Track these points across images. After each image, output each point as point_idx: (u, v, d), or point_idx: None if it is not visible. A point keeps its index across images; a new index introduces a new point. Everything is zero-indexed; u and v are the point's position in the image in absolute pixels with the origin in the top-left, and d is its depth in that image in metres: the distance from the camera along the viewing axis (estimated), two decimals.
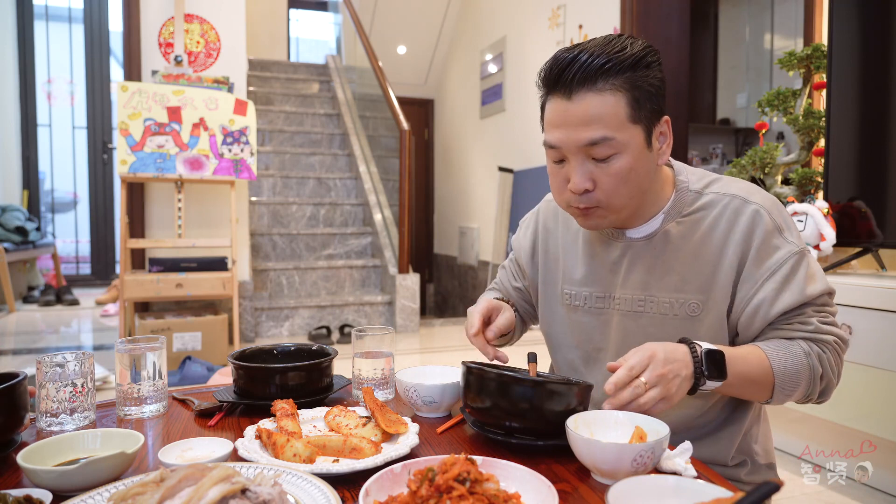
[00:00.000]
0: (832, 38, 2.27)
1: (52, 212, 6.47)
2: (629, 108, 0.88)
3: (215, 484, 0.58)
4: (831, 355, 0.96)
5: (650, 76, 0.89)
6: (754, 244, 0.93)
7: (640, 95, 0.88)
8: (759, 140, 2.80)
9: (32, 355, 3.54)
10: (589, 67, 0.86)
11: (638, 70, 0.88)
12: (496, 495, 0.61)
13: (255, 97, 5.82)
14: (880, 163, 2.21)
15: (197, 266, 3.51)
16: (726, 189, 0.97)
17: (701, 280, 0.96)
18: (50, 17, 6.30)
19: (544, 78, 0.92)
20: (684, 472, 0.75)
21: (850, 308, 1.96)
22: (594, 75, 0.87)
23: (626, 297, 1.01)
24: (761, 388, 0.93)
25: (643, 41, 0.91)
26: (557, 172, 0.95)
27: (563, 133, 0.90)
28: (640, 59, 0.88)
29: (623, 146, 0.89)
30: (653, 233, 0.99)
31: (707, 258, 0.95)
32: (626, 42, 0.89)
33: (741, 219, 0.94)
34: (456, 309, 6.55)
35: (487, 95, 5.76)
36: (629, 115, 0.88)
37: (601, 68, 0.86)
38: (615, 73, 0.87)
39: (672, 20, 3.81)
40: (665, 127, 0.94)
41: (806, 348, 0.94)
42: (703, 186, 0.98)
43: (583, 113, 0.87)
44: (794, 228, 0.97)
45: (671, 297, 0.97)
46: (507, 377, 0.86)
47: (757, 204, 0.94)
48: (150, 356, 1.01)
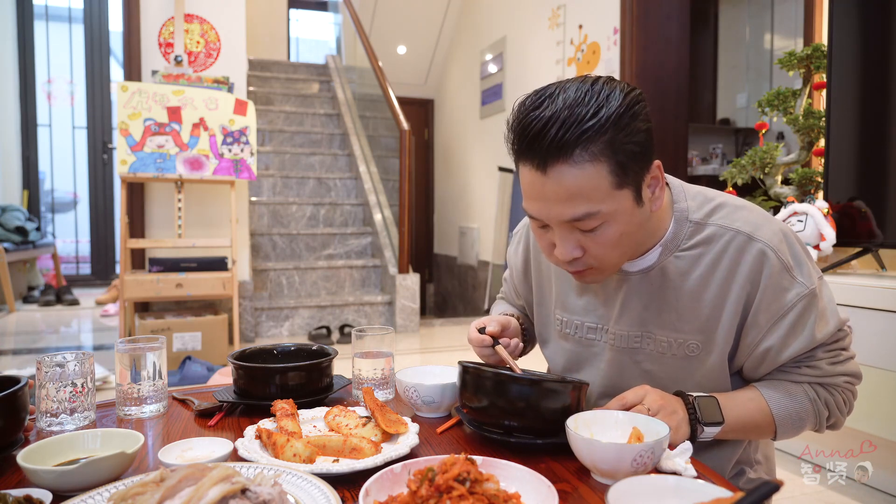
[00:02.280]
0: (832, 38, 2.27)
1: (52, 212, 6.47)
2: (612, 176, 0.78)
3: (215, 484, 0.58)
4: (840, 397, 0.94)
5: (635, 131, 0.78)
6: (761, 287, 0.86)
7: (624, 158, 0.78)
8: (759, 140, 2.80)
9: (32, 355, 3.54)
10: (563, 139, 0.75)
11: (620, 131, 0.76)
12: (496, 495, 0.61)
13: (255, 97, 5.82)
14: (880, 163, 2.21)
15: (197, 266, 3.51)
16: (730, 222, 0.89)
17: (700, 321, 0.90)
18: (50, 17, 6.30)
19: (513, 142, 0.81)
20: (684, 472, 0.75)
21: (850, 308, 1.96)
22: (569, 146, 0.76)
23: (622, 333, 0.96)
24: (763, 432, 0.93)
25: (624, 87, 0.79)
26: (543, 236, 0.87)
27: (541, 207, 0.81)
28: (622, 116, 0.76)
29: (610, 216, 0.80)
30: (649, 267, 0.92)
31: (708, 298, 0.89)
32: (602, 97, 0.76)
33: (746, 258, 0.87)
34: (456, 309, 6.55)
35: (487, 95, 5.76)
36: (613, 182, 0.78)
37: (577, 137, 0.75)
38: (594, 140, 0.76)
39: (672, 20, 3.81)
40: (656, 171, 0.84)
41: (812, 394, 0.92)
42: (705, 216, 0.90)
43: (560, 189, 0.78)
44: (807, 261, 0.90)
45: (669, 336, 0.93)
46: (504, 376, 0.86)
47: (763, 242, 0.86)
48: (150, 356, 1.01)
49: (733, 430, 0.89)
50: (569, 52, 4.43)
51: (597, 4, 4.10)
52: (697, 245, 0.90)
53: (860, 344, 1.93)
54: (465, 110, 6.36)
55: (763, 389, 0.93)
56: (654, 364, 0.95)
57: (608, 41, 3.98)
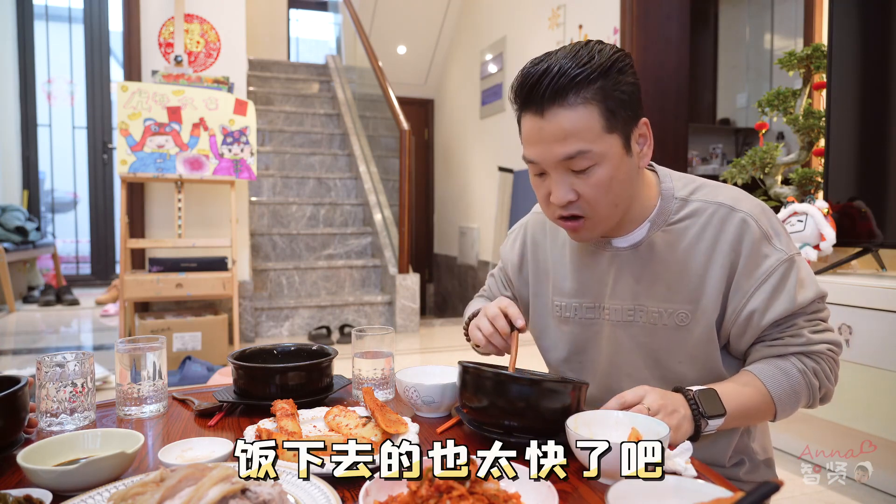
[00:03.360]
0: (832, 38, 2.27)
1: (52, 212, 6.47)
2: (603, 119, 0.86)
3: (215, 484, 0.58)
4: (826, 365, 0.96)
5: (622, 82, 0.87)
6: (743, 253, 0.92)
7: (614, 104, 0.87)
8: (759, 140, 2.80)
9: (32, 355, 3.54)
10: (558, 84, 0.85)
11: (609, 78, 0.86)
12: (496, 495, 0.61)
13: (255, 97, 5.82)
14: (880, 163, 2.21)
15: (197, 266, 3.51)
16: (712, 197, 0.96)
17: (689, 290, 0.95)
18: (50, 17, 6.30)
19: (515, 95, 0.90)
20: (684, 472, 0.75)
21: (850, 308, 1.96)
22: (564, 90, 0.85)
23: (616, 307, 1.01)
24: (764, 414, 0.95)
25: (613, 46, 0.89)
26: (540, 185, 0.94)
27: (539, 149, 0.89)
28: (610, 67, 0.86)
29: (601, 157, 0.87)
30: (638, 242, 0.98)
31: (694, 268, 0.95)
32: (593, 50, 0.87)
33: (728, 228, 0.93)
34: (456, 309, 6.55)
35: (487, 95, 5.76)
36: (604, 125, 0.86)
37: (570, 82, 0.84)
38: (585, 86, 0.85)
39: (672, 20, 3.81)
40: (644, 129, 0.92)
41: (800, 366, 0.94)
42: (689, 193, 0.97)
43: (557, 129, 0.86)
44: (784, 234, 0.96)
45: (660, 307, 0.97)
46: (504, 376, 0.86)
47: (744, 212, 0.94)
48: (150, 356, 1.01)
49: (735, 419, 0.91)
50: None
51: (597, 4, 4.10)
52: (683, 219, 0.96)
53: (860, 344, 1.93)
54: (465, 110, 6.36)
55: (756, 369, 0.95)
56: (648, 336, 0.99)
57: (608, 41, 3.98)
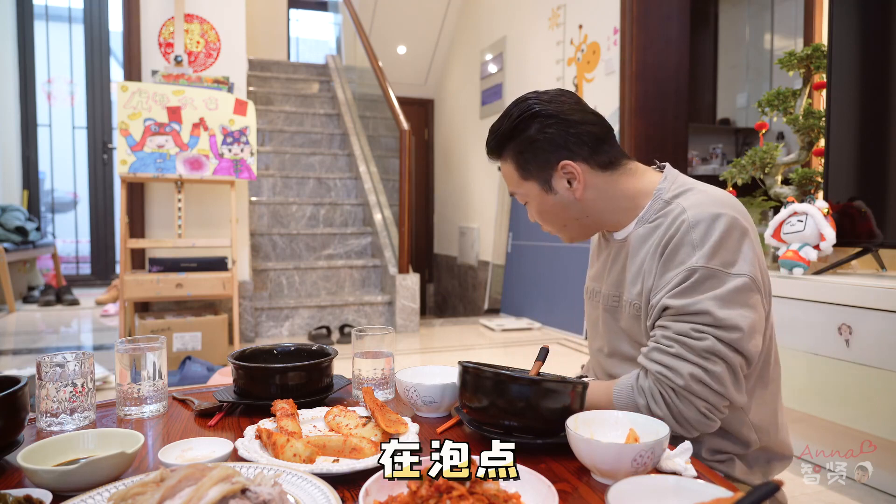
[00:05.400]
0: (832, 38, 2.27)
1: (52, 212, 6.47)
2: (518, 170, 1.06)
3: (215, 484, 0.58)
4: (655, 388, 0.92)
5: (529, 138, 1.02)
6: (668, 250, 0.95)
7: (523, 159, 1.04)
8: (759, 140, 2.80)
9: (32, 355, 3.54)
10: (490, 145, 1.08)
11: (515, 138, 1.04)
12: (496, 495, 0.61)
13: (255, 97, 5.82)
14: (880, 163, 2.21)
15: (197, 266, 3.51)
16: (685, 201, 0.98)
17: (640, 282, 1.02)
18: (50, 17, 6.30)
19: None
20: (684, 472, 0.75)
21: (850, 308, 1.96)
22: (494, 150, 1.08)
23: (607, 293, 1.11)
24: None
25: (526, 106, 1.02)
26: None
27: None
28: (515, 128, 1.03)
29: (527, 196, 1.08)
30: (626, 236, 1.07)
31: (646, 263, 1.01)
32: (511, 111, 1.04)
33: (672, 227, 0.96)
34: (456, 309, 6.55)
35: (487, 95, 5.76)
36: (520, 175, 1.06)
37: (494, 146, 1.08)
38: (503, 146, 1.06)
39: (672, 20, 3.81)
40: (570, 168, 1.02)
41: (636, 381, 0.96)
42: (673, 196, 1.01)
43: (504, 177, 1.11)
44: (720, 253, 0.91)
45: (630, 296, 1.04)
46: (504, 376, 0.86)
47: (688, 216, 0.94)
48: (150, 356, 1.01)
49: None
50: (569, 52, 4.43)
51: (597, 4, 4.10)
52: (657, 218, 1.01)
53: (860, 344, 1.93)
54: (465, 110, 6.36)
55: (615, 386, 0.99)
56: (626, 323, 1.06)
57: (608, 41, 3.98)
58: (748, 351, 0.91)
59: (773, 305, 1.03)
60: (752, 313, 0.91)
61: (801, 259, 2.19)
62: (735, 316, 0.90)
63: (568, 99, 1.03)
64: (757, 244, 0.96)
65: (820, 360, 2.07)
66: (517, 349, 3.83)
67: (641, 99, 3.77)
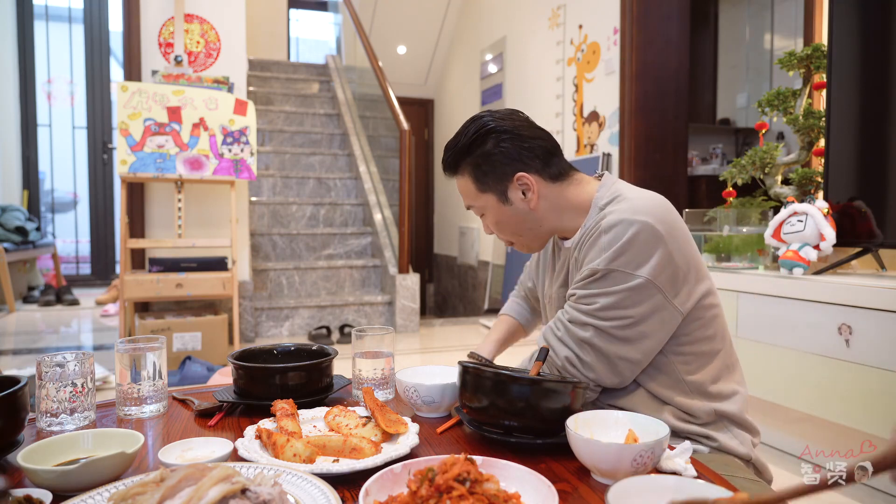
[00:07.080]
0: (832, 38, 2.27)
1: (52, 212, 6.47)
2: (476, 184, 1.12)
3: (215, 484, 0.58)
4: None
5: (486, 152, 1.08)
6: (582, 255, 1.07)
7: (480, 172, 1.10)
8: (759, 140, 2.80)
9: (32, 355, 3.54)
10: (446, 161, 1.14)
11: (472, 153, 1.10)
12: (496, 495, 0.61)
13: (255, 97, 5.82)
14: (880, 163, 2.21)
15: (197, 266, 3.51)
16: (614, 208, 1.05)
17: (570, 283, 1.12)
18: (50, 17, 6.30)
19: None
20: (684, 472, 0.76)
21: (850, 308, 1.96)
22: (450, 166, 1.14)
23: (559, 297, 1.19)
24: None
25: (484, 118, 1.09)
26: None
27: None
28: (472, 144, 1.09)
29: (483, 209, 1.14)
30: (572, 243, 1.14)
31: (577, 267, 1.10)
32: (467, 128, 1.10)
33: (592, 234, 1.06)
34: (456, 309, 6.55)
35: (487, 95, 5.76)
36: (477, 188, 1.12)
37: (451, 162, 1.13)
38: (460, 162, 1.12)
39: (672, 20, 3.81)
40: (525, 180, 1.09)
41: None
42: (606, 203, 1.08)
43: (460, 190, 1.17)
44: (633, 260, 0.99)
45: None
46: (504, 376, 0.86)
47: (605, 221, 1.03)
48: (150, 356, 1.01)
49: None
50: (569, 52, 4.43)
51: (597, 4, 4.10)
52: (592, 224, 1.08)
53: (860, 344, 1.93)
54: (465, 110, 6.36)
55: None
56: None
57: (608, 41, 3.98)
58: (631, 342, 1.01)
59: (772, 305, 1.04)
60: (642, 310, 1.00)
61: (801, 259, 2.19)
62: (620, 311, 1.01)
63: (519, 117, 1.12)
64: (680, 248, 1.01)
65: (820, 360, 2.07)
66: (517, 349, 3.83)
67: (641, 99, 3.77)
